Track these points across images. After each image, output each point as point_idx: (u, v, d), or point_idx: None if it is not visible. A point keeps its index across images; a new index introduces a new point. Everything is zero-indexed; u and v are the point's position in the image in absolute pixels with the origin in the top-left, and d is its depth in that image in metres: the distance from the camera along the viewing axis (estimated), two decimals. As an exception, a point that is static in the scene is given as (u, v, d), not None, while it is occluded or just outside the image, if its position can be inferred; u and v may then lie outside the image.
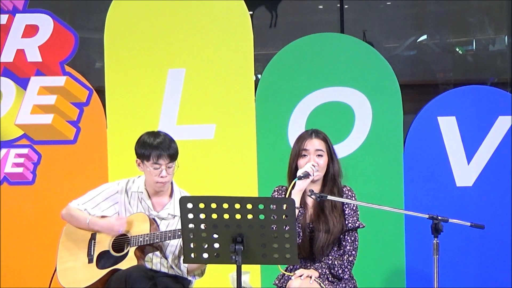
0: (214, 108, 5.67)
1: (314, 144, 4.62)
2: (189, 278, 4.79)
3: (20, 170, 5.69)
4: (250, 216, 3.89)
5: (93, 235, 4.75)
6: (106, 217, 4.74)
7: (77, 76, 5.69)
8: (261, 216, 3.89)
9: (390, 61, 5.77)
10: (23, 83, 5.67)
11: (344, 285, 4.55)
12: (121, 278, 4.54)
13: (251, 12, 5.76)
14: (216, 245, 3.95)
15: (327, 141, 4.66)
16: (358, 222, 4.61)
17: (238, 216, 3.89)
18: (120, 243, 4.70)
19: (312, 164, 4.55)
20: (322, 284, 4.44)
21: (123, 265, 4.62)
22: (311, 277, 4.44)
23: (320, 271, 4.51)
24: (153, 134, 4.76)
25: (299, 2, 8.63)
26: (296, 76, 5.70)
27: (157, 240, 4.63)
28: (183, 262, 4.33)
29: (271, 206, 3.91)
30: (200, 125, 5.66)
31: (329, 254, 4.59)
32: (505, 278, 5.69)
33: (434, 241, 4.19)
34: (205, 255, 3.98)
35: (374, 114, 5.68)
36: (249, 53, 5.69)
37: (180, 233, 4.45)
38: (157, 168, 4.67)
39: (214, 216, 3.91)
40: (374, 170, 5.67)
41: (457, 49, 8.91)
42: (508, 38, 8.64)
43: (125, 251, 4.67)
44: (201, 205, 3.92)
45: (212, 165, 5.66)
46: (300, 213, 4.56)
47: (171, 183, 4.79)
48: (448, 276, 5.62)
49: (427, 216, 4.23)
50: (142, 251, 4.68)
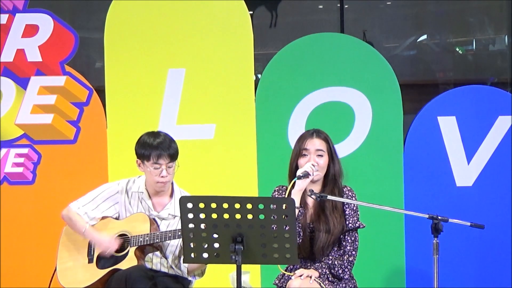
0: (214, 108, 5.67)
1: (314, 144, 4.62)
2: (189, 278, 4.79)
3: (20, 170, 5.68)
4: (250, 216, 3.89)
5: (93, 235, 4.76)
6: (102, 232, 4.72)
7: (77, 76, 5.68)
8: (261, 216, 3.89)
9: (390, 61, 5.77)
10: (23, 83, 5.66)
11: (344, 285, 4.55)
12: (121, 278, 4.54)
13: (251, 12, 5.76)
14: (216, 245, 3.94)
15: (328, 141, 4.66)
16: (358, 222, 4.61)
17: (238, 216, 3.89)
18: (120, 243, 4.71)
19: (312, 164, 4.54)
20: (322, 284, 4.44)
21: (123, 265, 4.62)
22: (311, 277, 4.43)
23: (320, 271, 4.51)
24: (153, 134, 4.76)
25: (299, 2, 8.63)
26: (296, 76, 5.69)
27: (157, 240, 4.63)
28: (183, 262, 4.33)
29: (271, 206, 3.91)
30: (200, 125, 5.66)
31: (329, 254, 4.59)
32: (505, 278, 5.69)
33: (434, 241, 4.19)
34: (205, 255, 3.98)
35: (374, 114, 5.68)
36: (249, 53, 5.69)
37: (180, 233, 4.44)
38: (158, 168, 4.66)
39: (214, 216, 3.91)
40: (374, 170, 5.67)
41: (457, 49, 8.91)
42: (508, 38, 8.64)
43: (125, 251, 4.67)
44: (201, 205, 3.92)
45: (212, 165, 5.66)
46: (300, 213, 4.56)
47: (172, 183, 4.79)
48: (448, 276, 5.62)
49: (427, 216, 4.23)
50: (142, 251, 4.68)
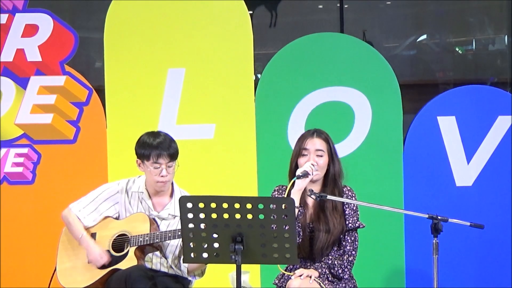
0: (214, 108, 5.67)
1: (314, 144, 4.62)
2: (189, 278, 4.79)
3: (20, 169, 5.68)
4: (249, 216, 3.89)
5: (93, 235, 4.75)
6: (98, 245, 4.71)
7: (77, 76, 5.68)
8: (261, 216, 3.89)
9: (390, 61, 5.77)
10: (23, 82, 5.66)
11: (344, 285, 4.55)
12: (121, 278, 4.54)
13: (251, 12, 5.76)
14: (216, 245, 3.94)
15: (328, 141, 4.65)
16: (358, 222, 4.61)
17: (237, 216, 3.89)
18: (120, 243, 4.70)
19: (311, 163, 4.54)
20: (322, 284, 4.43)
21: (123, 265, 4.62)
22: (311, 277, 4.43)
23: (320, 270, 4.51)
24: (153, 134, 4.76)
25: (299, 2, 8.62)
26: (296, 76, 5.69)
27: (157, 240, 4.63)
28: (183, 262, 4.33)
29: (271, 206, 3.91)
30: (200, 125, 5.66)
31: (329, 254, 4.59)
32: (505, 278, 5.69)
33: (434, 241, 4.19)
34: (205, 255, 3.98)
35: (374, 114, 5.68)
36: (249, 52, 5.68)
37: (180, 233, 4.44)
38: (157, 168, 4.66)
39: (214, 215, 3.91)
40: (374, 170, 5.67)
41: (457, 49, 8.90)
42: (508, 38, 8.63)
43: (125, 251, 4.67)
44: (201, 205, 3.91)
45: (212, 165, 5.66)
46: (300, 213, 4.56)
47: (172, 183, 4.79)
48: (448, 276, 5.62)
49: (426, 216, 4.23)
50: (142, 251, 4.68)
